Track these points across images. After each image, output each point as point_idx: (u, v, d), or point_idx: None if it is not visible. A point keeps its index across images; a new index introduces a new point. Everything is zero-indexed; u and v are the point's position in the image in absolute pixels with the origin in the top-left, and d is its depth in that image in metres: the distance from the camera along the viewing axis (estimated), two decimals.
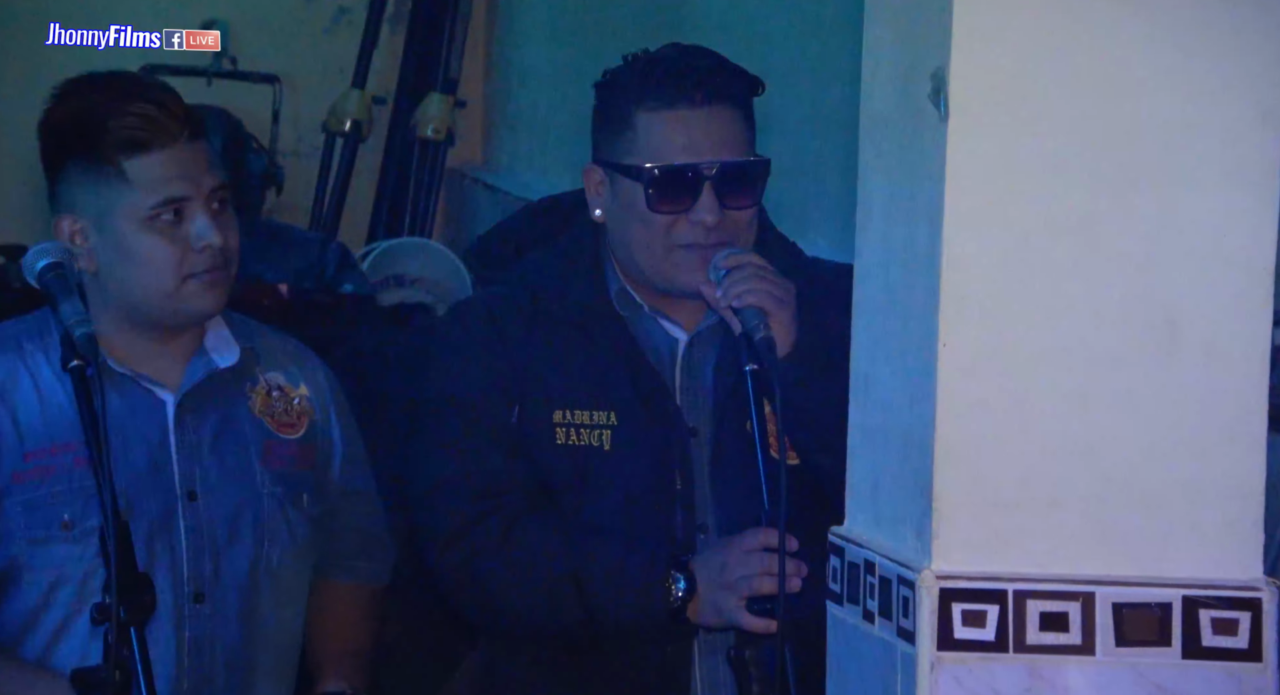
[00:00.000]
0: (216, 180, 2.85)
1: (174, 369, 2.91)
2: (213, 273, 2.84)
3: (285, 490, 2.93)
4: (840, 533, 2.31)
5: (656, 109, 2.86)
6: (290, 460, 2.94)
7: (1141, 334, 2.14)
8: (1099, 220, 2.14)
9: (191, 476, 2.89)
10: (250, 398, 2.94)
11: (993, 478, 2.14)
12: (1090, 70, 2.13)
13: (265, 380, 2.96)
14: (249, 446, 2.92)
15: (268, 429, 2.93)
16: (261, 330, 3.02)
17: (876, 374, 2.27)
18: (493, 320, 2.93)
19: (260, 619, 2.91)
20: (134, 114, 2.79)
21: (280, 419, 2.95)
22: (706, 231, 2.87)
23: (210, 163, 2.86)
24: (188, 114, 2.84)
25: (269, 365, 2.97)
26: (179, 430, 2.89)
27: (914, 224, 2.19)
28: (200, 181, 2.83)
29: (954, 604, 2.12)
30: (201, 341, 2.93)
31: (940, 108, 2.14)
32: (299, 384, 2.98)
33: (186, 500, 2.88)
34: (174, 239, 2.83)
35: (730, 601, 2.76)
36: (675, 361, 2.93)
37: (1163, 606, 2.13)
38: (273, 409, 2.95)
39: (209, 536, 2.89)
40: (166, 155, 2.81)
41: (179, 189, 2.82)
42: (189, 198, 2.83)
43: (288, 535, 2.93)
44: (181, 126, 2.82)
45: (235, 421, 2.92)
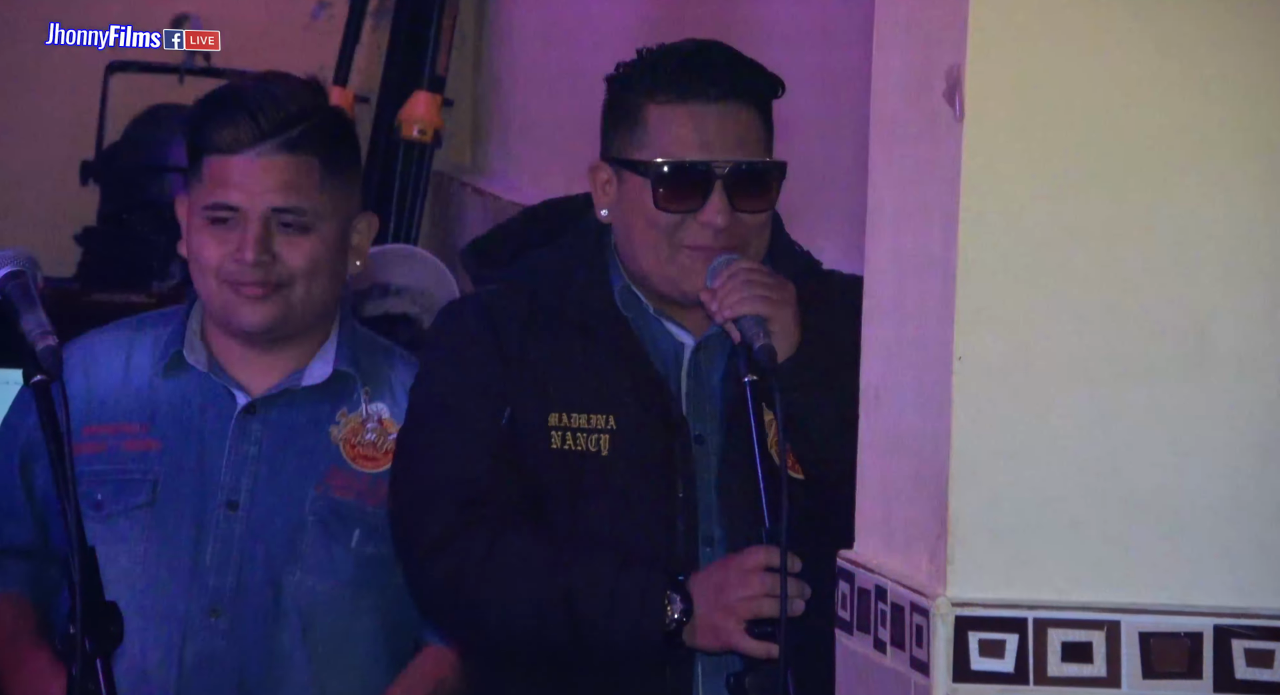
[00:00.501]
0: (289, 201, 2.93)
1: (267, 378, 3.00)
2: (251, 287, 2.95)
3: (334, 520, 2.94)
4: (849, 557, 2.30)
5: (668, 102, 2.86)
6: (353, 492, 2.96)
7: (1169, 346, 2.14)
8: (1124, 226, 2.13)
9: (237, 486, 2.93)
10: (339, 423, 2.99)
11: (1011, 499, 2.13)
12: (1115, 68, 2.13)
13: (368, 409, 3.01)
14: (311, 469, 2.95)
15: (341, 456, 2.97)
16: (386, 357, 3.06)
17: (888, 388, 2.26)
18: (488, 318, 2.93)
19: (284, 650, 2.91)
20: (223, 115, 2.94)
21: (363, 450, 2.98)
22: (715, 234, 2.86)
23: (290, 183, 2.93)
24: (283, 127, 2.93)
25: (379, 393, 3.02)
26: (238, 436, 2.95)
27: (927, 230, 2.18)
28: (260, 197, 2.93)
29: (971, 633, 2.11)
30: (311, 357, 3.01)
31: (955, 108, 2.13)
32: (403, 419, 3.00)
33: (225, 509, 2.92)
34: (222, 241, 2.96)
35: (729, 624, 2.76)
36: (681, 366, 2.93)
37: (1193, 636, 2.12)
38: (360, 439, 2.99)
39: (239, 551, 2.91)
40: (238, 160, 2.93)
41: (234, 197, 2.94)
42: (241, 209, 2.94)
43: (326, 569, 2.94)
44: (259, 137, 2.92)
45: (306, 441, 2.97)
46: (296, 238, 2.95)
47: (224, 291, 2.96)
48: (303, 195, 2.95)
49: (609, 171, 2.93)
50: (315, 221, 2.96)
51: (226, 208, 2.94)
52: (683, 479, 2.87)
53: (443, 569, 2.86)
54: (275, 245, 2.94)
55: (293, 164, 2.94)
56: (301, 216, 2.95)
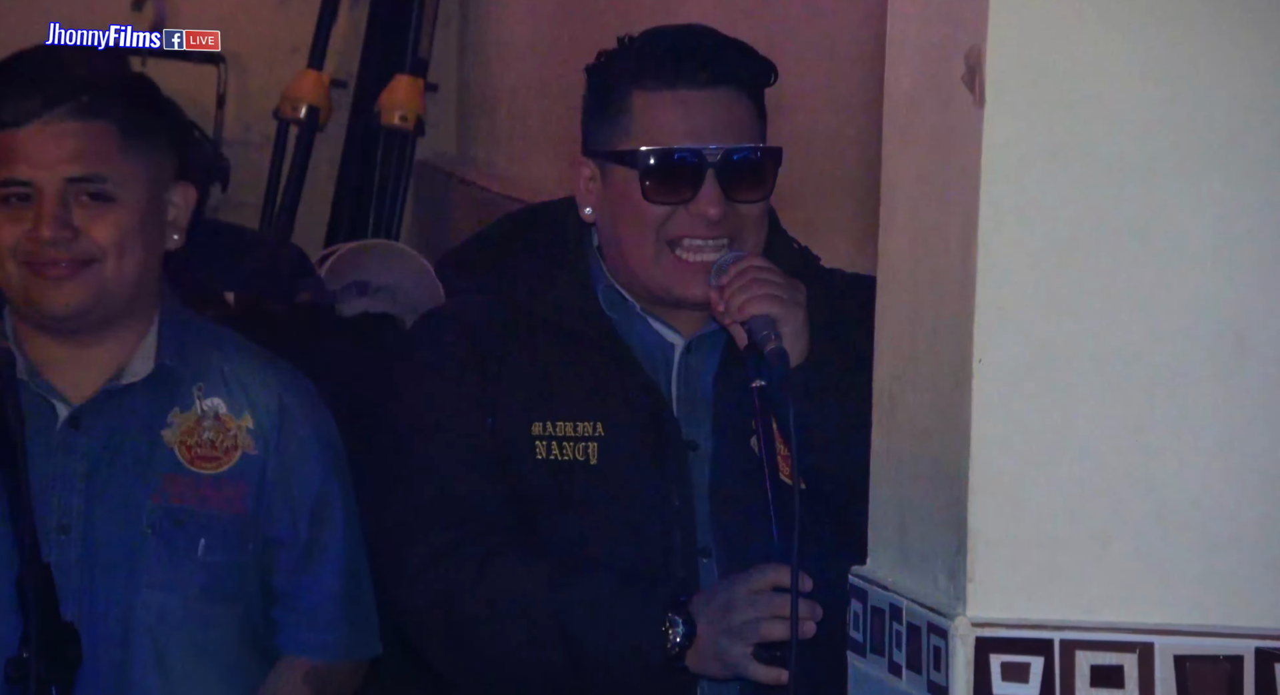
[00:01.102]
0: (85, 169, 2.86)
1: (87, 380, 2.92)
2: (54, 267, 2.86)
3: (175, 530, 2.90)
4: (862, 573, 2.30)
5: (655, 89, 2.87)
6: (197, 498, 2.91)
7: (1205, 348, 2.13)
8: (1155, 219, 2.13)
9: (68, 506, 2.88)
10: (171, 425, 2.93)
11: (1036, 511, 2.12)
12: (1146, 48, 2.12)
13: (202, 406, 2.95)
14: (143, 478, 2.90)
15: (176, 459, 2.92)
16: (219, 345, 2.99)
17: (903, 393, 2.26)
18: (464, 327, 2.94)
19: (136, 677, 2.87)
20: (7, 88, 2.86)
21: (200, 451, 2.93)
22: (708, 226, 2.86)
23: (85, 150, 2.86)
24: (71, 93, 2.85)
25: (214, 388, 2.96)
26: (63, 454, 2.89)
27: (944, 223, 2.18)
28: (53, 167, 2.85)
29: (992, 655, 2.11)
30: (134, 352, 2.93)
31: (975, 92, 2.12)
32: (243, 413, 2.96)
33: (56, 533, 2.86)
34: (17, 221, 2.87)
35: (735, 648, 2.76)
36: (671, 368, 2.93)
37: (1232, 660, 2.12)
38: (196, 438, 2.93)
39: (76, 577, 2.85)
40: (25, 132, 2.86)
41: (23, 171, 2.86)
42: (34, 183, 2.86)
43: (170, 584, 2.89)
44: (46, 105, 2.85)
45: (135, 447, 2.91)
46: (99, 209, 2.87)
47: (24, 276, 2.87)
48: (101, 162, 2.87)
49: (592, 167, 2.94)
50: (118, 191, 2.88)
51: (18, 183, 2.86)
52: (677, 488, 2.87)
53: (430, 593, 2.86)
54: (76, 219, 2.86)
55: (86, 130, 2.86)
56: (101, 184, 2.87)
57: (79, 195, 2.86)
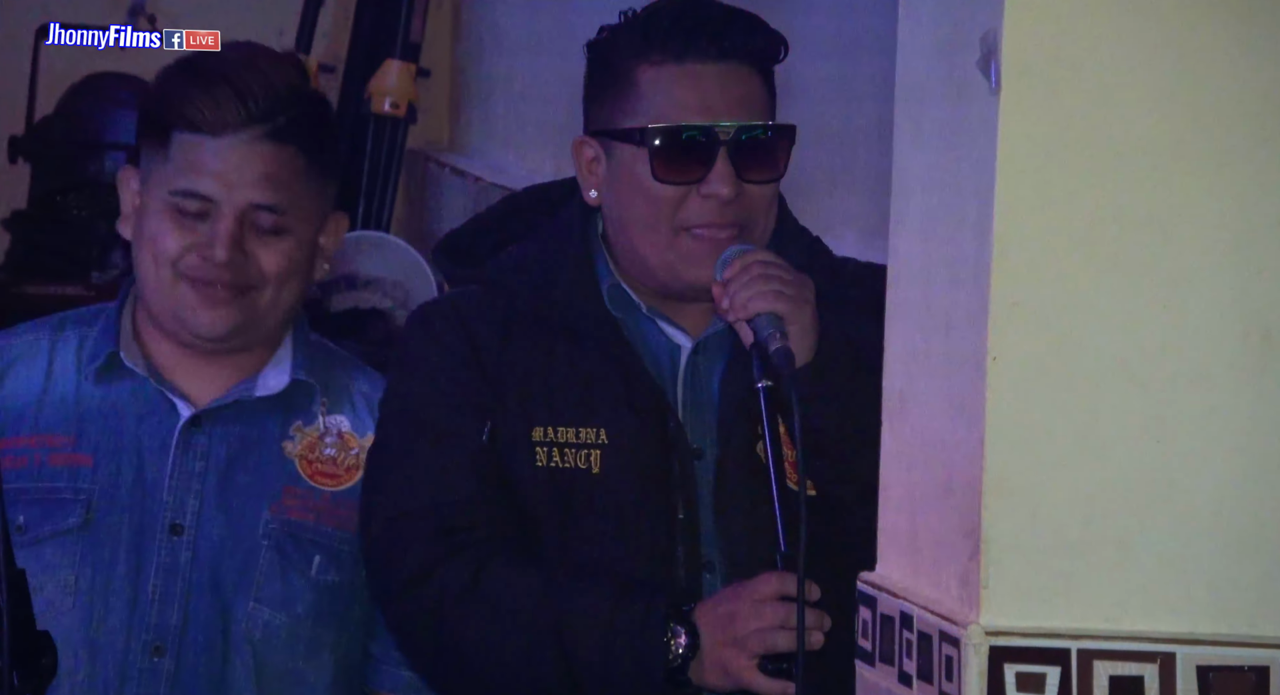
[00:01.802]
0: (269, 198, 2.90)
1: (213, 386, 2.97)
2: (217, 288, 2.92)
3: (291, 545, 2.94)
4: (871, 580, 2.31)
5: (663, 63, 2.87)
6: (314, 513, 2.95)
7: (1229, 345, 2.14)
8: (1178, 211, 2.14)
9: (181, 507, 2.92)
10: (294, 438, 2.98)
11: (1052, 515, 2.13)
12: (1169, 34, 2.13)
13: (325, 422, 2.99)
14: (264, 488, 2.94)
15: (297, 473, 2.96)
16: (345, 366, 3.04)
17: (914, 392, 2.27)
18: (462, 323, 2.93)
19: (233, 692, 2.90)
20: (205, 91, 2.89)
21: (321, 466, 2.97)
22: (721, 208, 2.87)
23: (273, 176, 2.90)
24: (271, 112, 2.89)
25: (337, 405, 3.01)
26: (182, 451, 2.94)
27: (959, 215, 2.18)
28: (239, 190, 2.90)
29: (1007, 665, 2.11)
30: (262, 366, 2.99)
31: (991, 78, 2.13)
32: (366, 433, 3.00)
33: (167, 533, 2.91)
34: (188, 232, 2.92)
35: (740, 660, 2.76)
36: (677, 371, 2.94)
37: (1258, 670, 2.12)
38: (318, 454, 2.98)
39: (184, 581, 2.90)
40: (217, 145, 2.90)
41: (208, 187, 2.91)
42: (216, 201, 2.91)
43: (283, 600, 2.93)
44: (245, 121, 2.89)
45: (258, 457, 2.95)
46: (272, 239, 2.94)
47: (180, 288, 2.93)
48: (284, 192, 2.93)
49: (595, 147, 2.93)
50: (293, 222, 2.95)
51: (198, 197, 2.91)
52: (682, 498, 2.88)
53: (422, 604, 2.86)
54: (249, 244, 2.92)
55: (277, 155, 2.91)
56: (280, 216, 2.93)
57: (255, 221, 2.92)
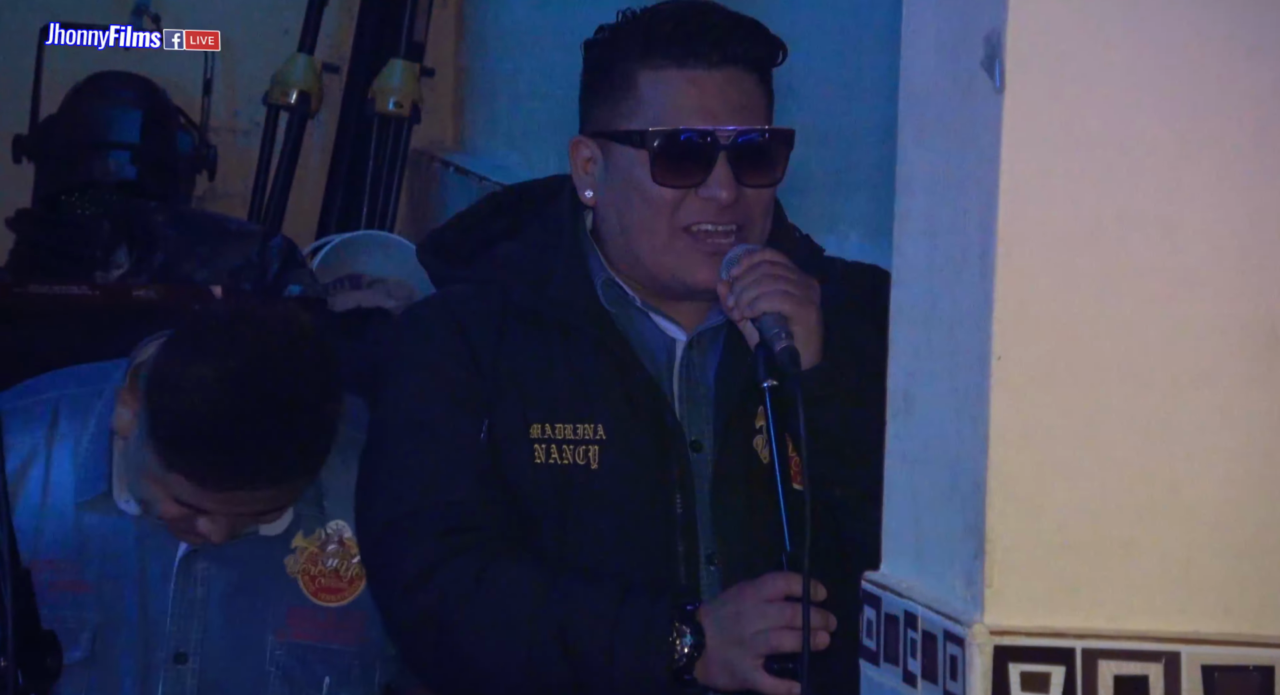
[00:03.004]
0: (260, 507, 2.89)
1: None
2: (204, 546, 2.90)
3: (301, 669, 2.94)
4: (875, 579, 2.31)
5: (664, 67, 2.88)
6: (319, 632, 2.95)
7: (1235, 345, 2.14)
8: (1184, 210, 2.13)
9: (185, 635, 2.91)
10: (295, 552, 2.97)
11: (1057, 515, 2.13)
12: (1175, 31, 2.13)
13: (326, 530, 2.99)
14: (268, 612, 2.94)
15: (300, 592, 2.96)
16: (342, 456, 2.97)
17: (918, 393, 2.27)
18: (455, 322, 2.94)
19: None
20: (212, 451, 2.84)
21: (324, 581, 2.97)
22: (719, 211, 2.88)
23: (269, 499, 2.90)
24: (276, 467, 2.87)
25: (338, 506, 2.99)
26: (183, 577, 2.93)
27: (962, 215, 2.18)
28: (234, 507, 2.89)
29: (1011, 665, 2.12)
30: None
31: (995, 77, 2.13)
32: None
33: (171, 662, 2.90)
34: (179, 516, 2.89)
35: (745, 660, 2.77)
36: (673, 365, 2.94)
37: (1263, 670, 2.12)
38: (319, 567, 2.97)
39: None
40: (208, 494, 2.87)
41: (200, 500, 2.87)
42: (206, 512, 2.89)
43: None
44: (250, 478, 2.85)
45: (261, 578, 2.95)
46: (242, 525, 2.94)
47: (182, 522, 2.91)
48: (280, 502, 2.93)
49: (592, 147, 2.94)
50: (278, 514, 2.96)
51: (193, 507, 2.89)
52: (681, 492, 2.88)
53: (423, 605, 2.86)
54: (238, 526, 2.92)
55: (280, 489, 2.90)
56: (270, 516, 2.95)
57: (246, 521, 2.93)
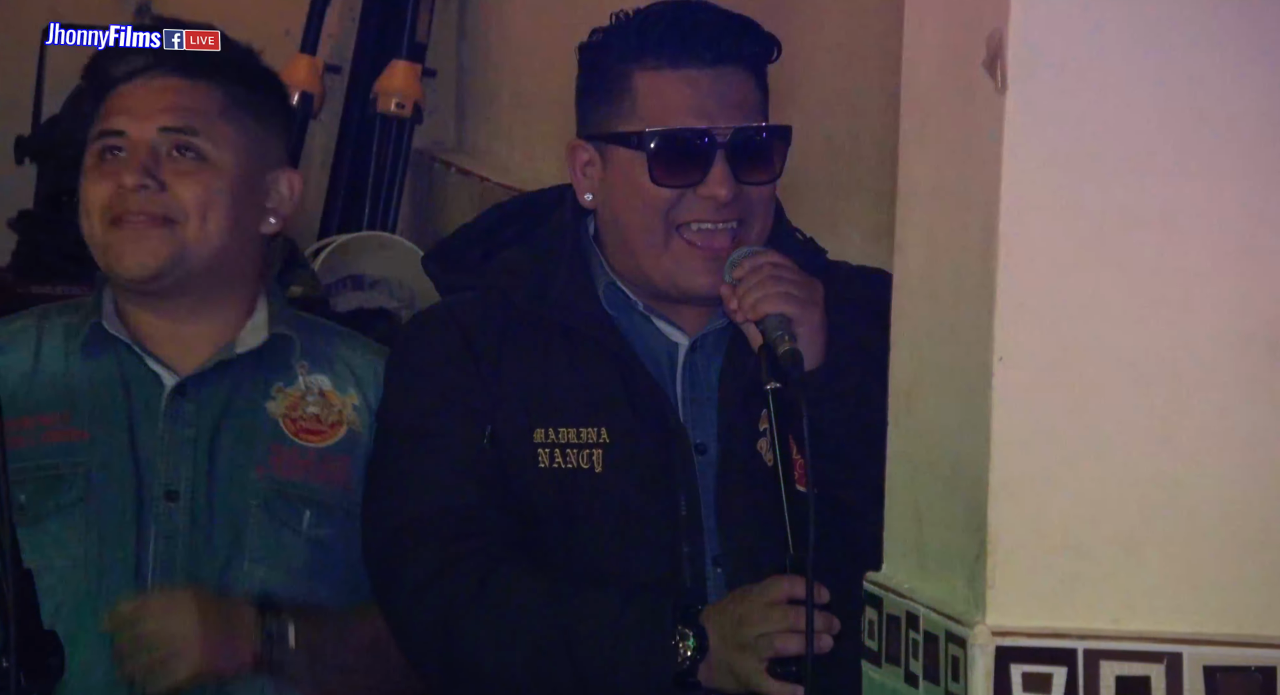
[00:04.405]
0: (178, 121, 2.93)
1: (196, 354, 2.98)
2: (135, 218, 2.91)
3: (281, 503, 2.95)
4: (878, 580, 2.31)
5: (659, 68, 2.88)
6: (300, 470, 2.97)
7: (1235, 349, 2.14)
8: (1185, 212, 2.14)
9: (175, 474, 2.93)
10: (275, 398, 2.99)
11: (1058, 516, 2.13)
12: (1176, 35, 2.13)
13: (306, 381, 3.01)
14: (251, 449, 2.96)
15: (283, 432, 2.98)
16: (326, 332, 3.06)
17: (920, 393, 2.27)
18: (459, 329, 2.94)
19: None
20: (121, 50, 2.99)
21: (306, 424, 2.99)
22: (718, 209, 2.88)
23: (183, 105, 2.93)
24: (182, 54, 2.96)
25: (317, 365, 3.02)
26: (171, 419, 2.95)
27: (965, 215, 2.19)
28: (148, 118, 2.93)
29: (1013, 665, 2.12)
30: (239, 329, 2.99)
31: (996, 78, 2.13)
32: (348, 390, 3.02)
33: (163, 500, 2.92)
34: (108, 176, 2.94)
35: (749, 663, 2.76)
36: (676, 369, 2.94)
37: (1264, 671, 2.12)
38: (301, 412, 2.99)
39: (183, 545, 2.92)
40: (129, 87, 2.95)
41: (120, 122, 2.94)
42: (128, 134, 2.93)
43: (275, 558, 2.94)
44: (154, 62, 2.94)
45: (245, 418, 2.97)
46: (189, 166, 2.93)
47: (107, 234, 2.94)
48: (196, 118, 2.94)
49: (590, 150, 2.95)
50: (212, 151, 2.94)
51: (113, 134, 2.94)
52: (685, 495, 2.88)
53: (429, 611, 2.87)
54: (164, 174, 2.93)
55: (188, 87, 2.95)
56: (192, 136, 2.93)
57: (170, 149, 2.93)
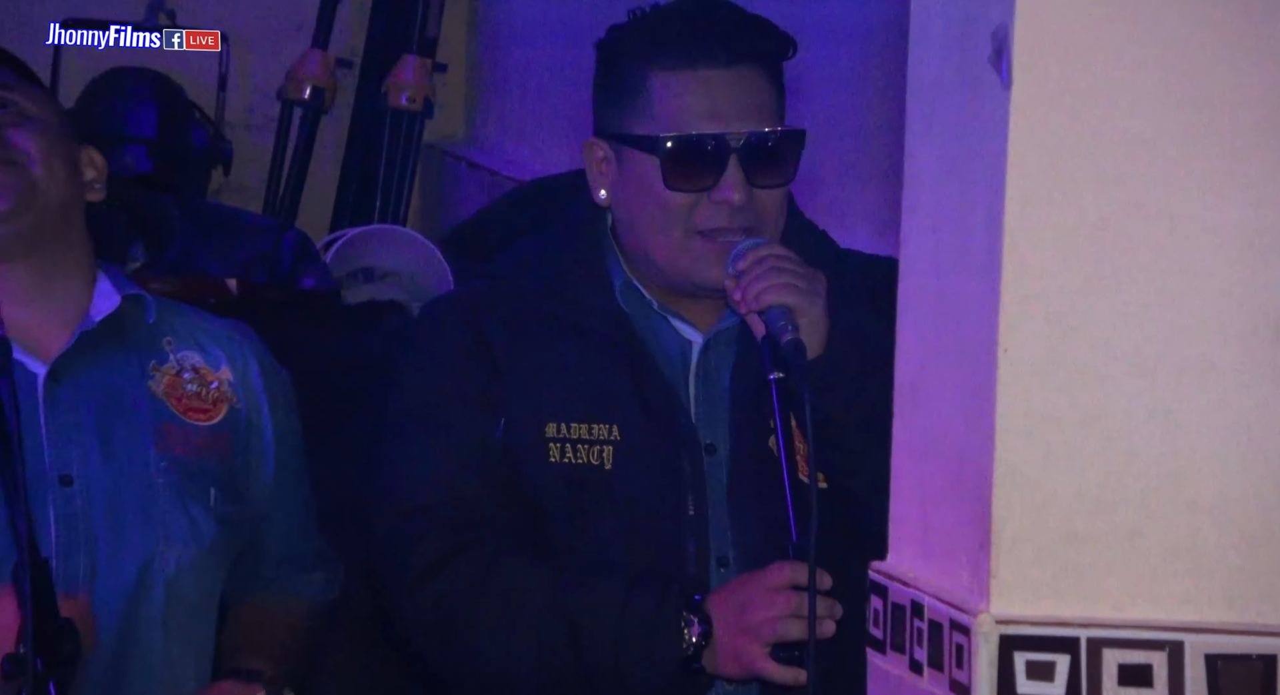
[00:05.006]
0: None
1: (55, 337, 2.95)
2: None
3: (186, 481, 2.94)
4: (882, 569, 2.31)
5: (674, 69, 2.87)
6: (195, 449, 2.95)
7: (1238, 337, 2.13)
8: (1188, 206, 2.13)
9: (66, 458, 2.90)
10: (153, 376, 2.98)
11: (1062, 505, 2.13)
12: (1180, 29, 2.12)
13: (176, 359, 3.00)
14: (143, 428, 2.93)
15: (169, 411, 2.96)
16: (169, 303, 3.06)
17: (925, 383, 2.26)
18: (473, 319, 2.94)
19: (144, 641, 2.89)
20: None
21: (189, 402, 2.98)
22: (732, 213, 2.87)
23: None
24: None
25: (183, 342, 3.01)
26: (51, 405, 2.92)
27: (970, 210, 2.18)
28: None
29: (1017, 653, 2.11)
30: (88, 304, 2.97)
31: (1002, 73, 2.12)
32: (220, 366, 3.02)
33: (58, 485, 2.89)
34: None
35: (752, 648, 2.77)
36: (689, 367, 2.94)
37: (1265, 659, 2.12)
38: (181, 390, 2.98)
39: (85, 529, 2.89)
40: None
41: None
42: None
43: (189, 535, 2.93)
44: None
45: (127, 399, 2.95)
46: (16, 119, 2.96)
47: None
48: (8, 78, 2.98)
49: (606, 148, 2.94)
50: (31, 107, 2.98)
51: None
52: (693, 495, 2.88)
53: (433, 597, 2.86)
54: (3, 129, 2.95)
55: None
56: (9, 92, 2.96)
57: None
